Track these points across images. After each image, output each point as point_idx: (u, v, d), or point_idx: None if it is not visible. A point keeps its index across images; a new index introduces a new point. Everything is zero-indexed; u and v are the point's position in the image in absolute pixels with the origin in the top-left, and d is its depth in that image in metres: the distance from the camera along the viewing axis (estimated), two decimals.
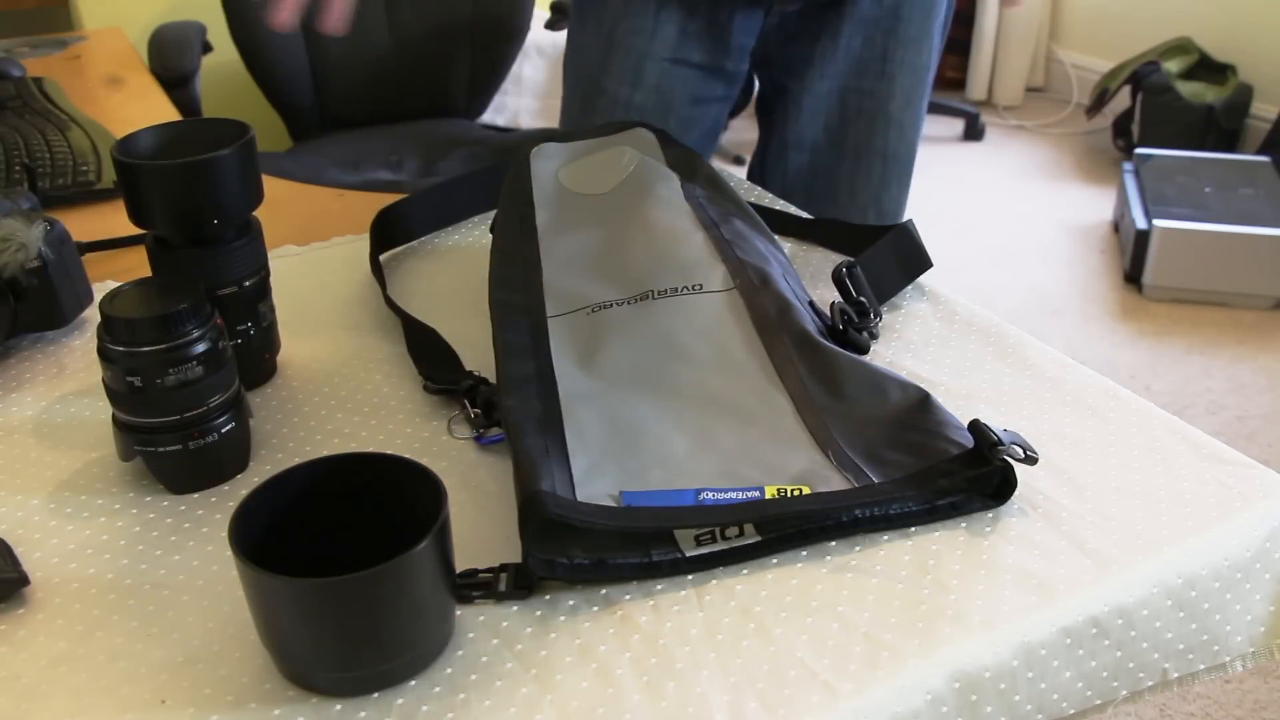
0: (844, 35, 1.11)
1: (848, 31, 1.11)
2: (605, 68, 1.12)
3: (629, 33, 1.10)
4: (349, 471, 0.54)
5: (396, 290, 0.87)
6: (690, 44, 1.11)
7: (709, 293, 0.72)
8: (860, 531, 0.59)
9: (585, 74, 1.15)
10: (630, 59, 1.11)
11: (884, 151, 1.16)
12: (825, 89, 1.14)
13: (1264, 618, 0.62)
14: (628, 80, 1.11)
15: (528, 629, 0.54)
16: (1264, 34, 3.25)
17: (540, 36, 2.73)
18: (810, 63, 1.13)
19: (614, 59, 1.11)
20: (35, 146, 1.20)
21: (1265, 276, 2.49)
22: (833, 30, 1.11)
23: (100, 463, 0.67)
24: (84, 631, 0.54)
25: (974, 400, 0.71)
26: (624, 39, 1.10)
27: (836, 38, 1.11)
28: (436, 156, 2.03)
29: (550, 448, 0.60)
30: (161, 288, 0.62)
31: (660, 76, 1.11)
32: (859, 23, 1.11)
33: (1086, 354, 2.36)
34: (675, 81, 1.12)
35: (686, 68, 1.12)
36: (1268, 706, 1.51)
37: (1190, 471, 0.64)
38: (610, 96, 1.12)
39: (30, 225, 0.77)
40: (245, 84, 2.21)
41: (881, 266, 0.81)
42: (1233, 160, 2.85)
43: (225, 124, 0.70)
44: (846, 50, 1.12)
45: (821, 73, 1.13)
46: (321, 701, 0.50)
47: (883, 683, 0.51)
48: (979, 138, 3.62)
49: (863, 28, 1.11)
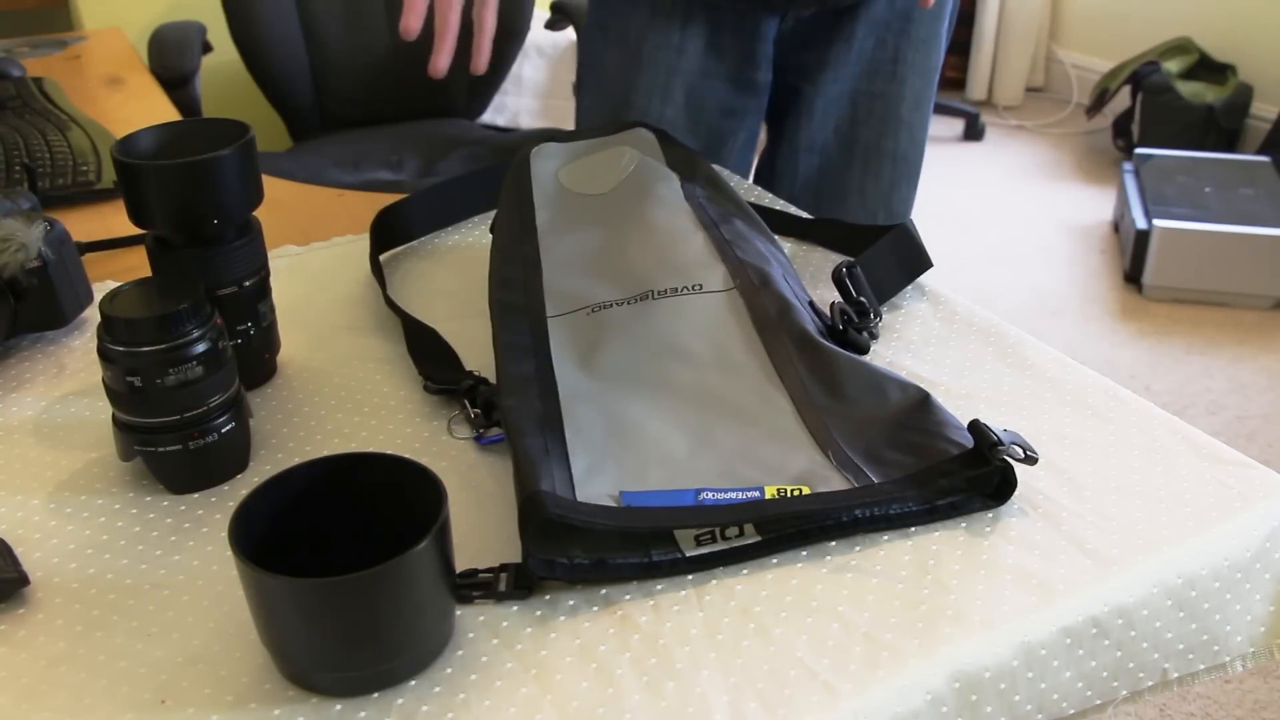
0: (857, 38, 1.12)
1: (861, 34, 1.12)
2: (634, 85, 1.12)
3: (656, 48, 1.10)
4: (349, 471, 0.54)
5: (396, 290, 0.87)
6: (717, 57, 1.11)
7: (709, 293, 0.72)
8: (860, 531, 0.59)
9: (612, 91, 1.14)
10: (659, 76, 1.11)
11: (894, 153, 1.16)
12: (837, 91, 1.15)
13: (1264, 618, 0.62)
14: (657, 96, 1.11)
15: (528, 629, 0.54)
16: (1264, 34, 3.25)
17: (540, 36, 2.73)
18: (824, 66, 1.14)
19: (642, 76, 1.11)
20: (35, 146, 1.20)
21: (1265, 276, 2.49)
22: (846, 34, 1.12)
23: (100, 463, 0.67)
24: (84, 631, 0.54)
25: (974, 400, 0.71)
26: (652, 55, 1.10)
27: (850, 40, 1.12)
28: (436, 156, 2.03)
29: (550, 447, 0.60)
30: (161, 288, 0.62)
31: (689, 92, 1.11)
32: (871, 25, 1.11)
33: (1086, 354, 2.36)
34: (705, 96, 1.12)
35: (715, 81, 1.12)
36: (1268, 706, 1.51)
37: (1190, 471, 0.64)
38: (639, 112, 1.13)
39: (30, 225, 0.77)
40: (245, 84, 2.21)
41: (881, 266, 0.81)
42: (1233, 160, 2.85)
43: (225, 124, 0.70)
44: (859, 53, 1.13)
45: (835, 75, 1.14)
46: (321, 701, 0.50)
47: (883, 683, 0.51)
48: (979, 138, 3.62)
49: (875, 30, 1.11)
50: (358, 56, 2.18)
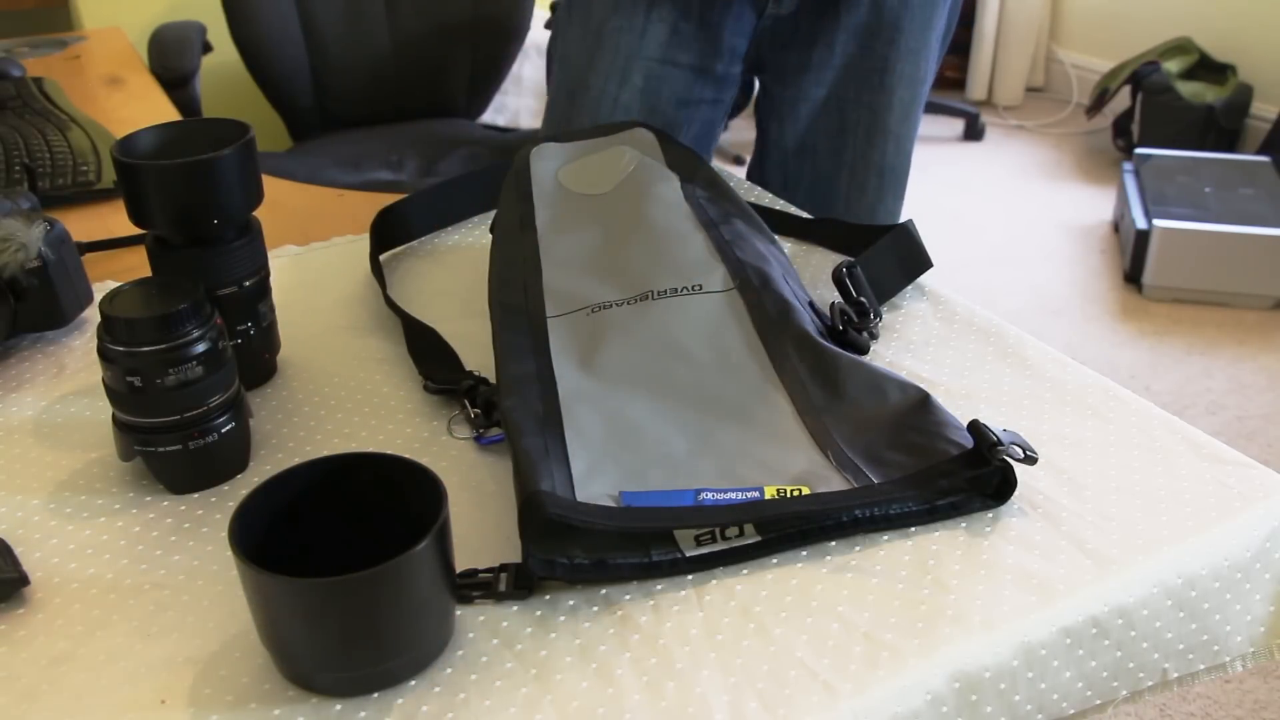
0: (838, 44, 1.11)
1: (842, 40, 1.11)
2: (592, 65, 1.11)
3: (617, 30, 1.10)
4: (349, 471, 0.54)
5: (396, 290, 0.87)
6: (680, 45, 1.10)
7: (709, 293, 0.72)
8: (860, 531, 0.59)
9: (572, 70, 1.14)
10: (619, 58, 1.10)
11: (880, 165, 1.16)
12: (820, 96, 1.14)
13: (1264, 618, 0.62)
14: (615, 78, 1.11)
15: (528, 629, 0.54)
16: (1264, 34, 3.25)
17: (540, 36, 2.73)
18: (805, 69, 1.13)
19: (602, 56, 1.11)
20: (35, 146, 1.20)
21: (1265, 276, 2.49)
22: (827, 38, 1.11)
23: (100, 463, 0.67)
24: (84, 631, 0.54)
25: (974, 400, 0.71)
26: (612, 37, 1.10)
27: (831, 45, 1.11)
28: (436, 156, 2.03)
29: (550, 448, 0.60)
30: (161, 288, 0.62)
31: (647, 76, 1.11)
32: (853, 32, 1.10)
33: (1086, 354, 2.36)
34: (662, 82, 1.11)
35: (674, 68, 1.11)
36: (1268, 706, 1.51)
37: (1190, 471, 0.64)
38: (596, 93, 1.12)
39: (30, 225, 0.77)
40: (245, 84, 2.21)
41: (881, 266, 0.81)
42: (1233, 160, 2.85)
43: (225, 124, 0.70)
44: (842, 58, 1.12)
45: (816, 79, 1.13)
46: (321, 701, 0.50)
47: (883, 683, 0.51)
48: (979, 138, 3.62)
49: (857, 37, 1.11)
50: (358, 56, 2.18)
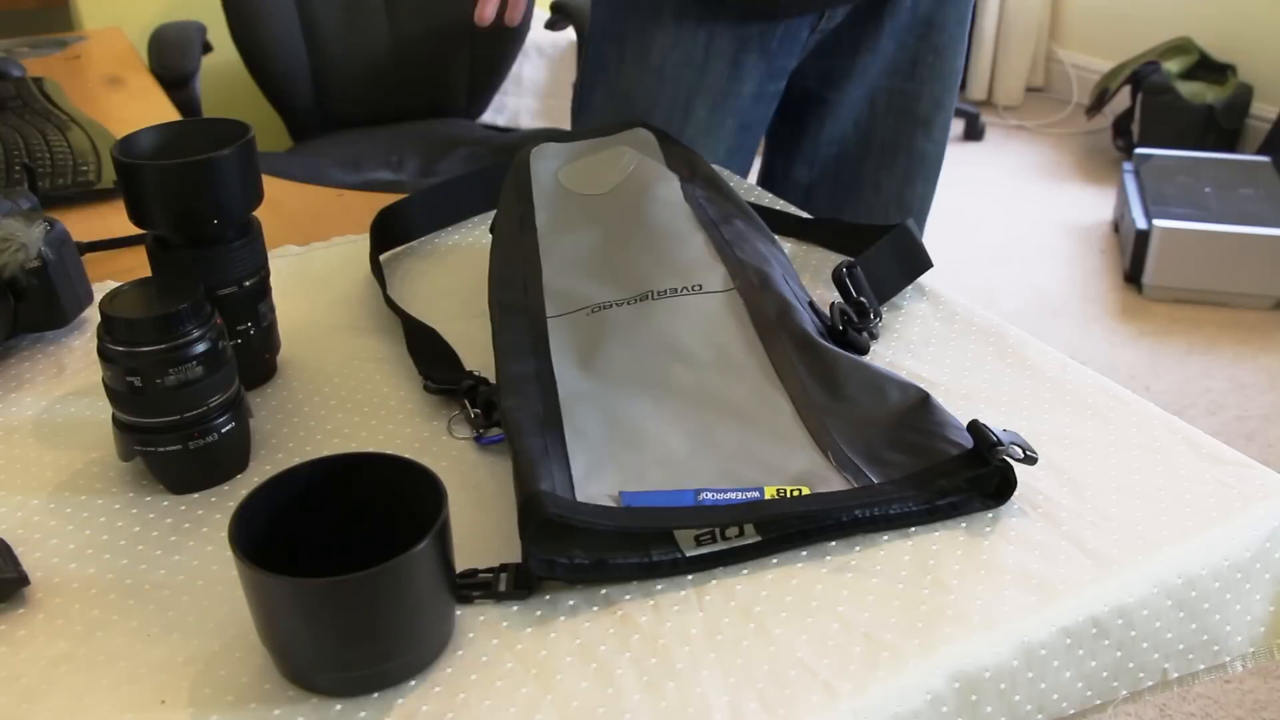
0: (881, 45, 1.13)
1: (884, 41, 1.13)
2: (655, 101, 1.11)
3: (678, 66, 1.09)
4: (349, 471, 0.54)
5: (396, 290, 0.87)
6: (740, 76, 1.11)
7: (709, 293, 0.72)
8: (860, 531, 0.59)
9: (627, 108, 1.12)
10: (680, 94, 1.10)
11: (909, 149, 1.17)
12: (859, 95, 1.16)
13: (1264, 618, 0.62)
14: (678, 114, 1.11)
15: (528, 629, 0.54)
16: (1264, 34, 3.25)
17: (540, 36, 2.73)
18: (849, 75, 1.15)
19: (663, 94, 1.10)
20: (35, 146, 1.20)
21: (1265, 276, 2.49)
22: (871, 44, 1.13)
23: (100, 463, 0.67)
24: (84, 631, 0.54)
25: (974, 400, 0.71)
26: (674, 73, 1.09)
27: (875, 49, 1.13)
28: (436, 156, 2.03)
29: (550, 448, 0.60)
30: (161, 288, 0.62)
31: (711, 110, 1.11)
32: (894, 30, 1.13)
33: (1086, 354, 2.36)
34: (726, 114, 1.12)
35: (736, 99, 1.12)
36: (1267, 706, 1.51)
37: (1190, 471, 0.64)
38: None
39: (30, 225, 0.77)
40: (245, 84, 2.21)
41: (881, 266, 0.81)
42: (1233, 160, 2.85)
43: (225, 124, 0.70)
44: (881, 57, 1.14)
45: (860, 80, 1.15)
46: (321, 701, 0.50)
47: (883, 683, 0.51)
48: (979, 138, 3.62)
49: (896, 35, 1.13)
50: (358, 56, 2.18)
